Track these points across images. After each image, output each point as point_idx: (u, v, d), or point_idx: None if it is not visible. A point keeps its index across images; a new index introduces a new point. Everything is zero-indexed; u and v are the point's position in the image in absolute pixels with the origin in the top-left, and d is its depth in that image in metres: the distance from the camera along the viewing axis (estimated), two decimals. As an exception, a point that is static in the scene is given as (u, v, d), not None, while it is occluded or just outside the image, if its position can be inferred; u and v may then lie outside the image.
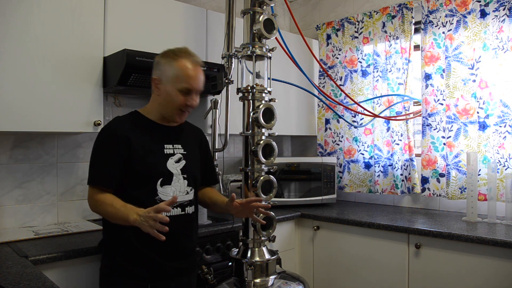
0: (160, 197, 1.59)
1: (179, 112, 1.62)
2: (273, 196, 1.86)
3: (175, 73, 1.56)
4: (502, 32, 2.37)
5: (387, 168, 2.85)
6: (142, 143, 1.59)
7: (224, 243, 2.20)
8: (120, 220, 1.50)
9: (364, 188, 2.98)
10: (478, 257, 1.97)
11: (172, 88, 1.57)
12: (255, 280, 1.78)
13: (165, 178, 1.61)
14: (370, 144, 2.96)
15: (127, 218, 1.46)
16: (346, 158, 3.07)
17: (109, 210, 1.51)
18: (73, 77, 1.97)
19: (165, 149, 1.64)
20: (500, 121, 2.38)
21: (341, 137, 3.10)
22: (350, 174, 3.04)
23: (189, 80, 1.57)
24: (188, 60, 1.57)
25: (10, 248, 1.72)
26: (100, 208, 1.54)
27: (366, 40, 2.99)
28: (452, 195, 2.53)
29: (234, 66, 2.01)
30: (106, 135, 1.59)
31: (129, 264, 1.57)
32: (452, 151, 2.54)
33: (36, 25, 1.86)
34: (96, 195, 1.55)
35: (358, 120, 3.02)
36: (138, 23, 2.20)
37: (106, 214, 1.54)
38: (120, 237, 1.58)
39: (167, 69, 1.58)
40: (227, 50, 2.06)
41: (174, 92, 1.57)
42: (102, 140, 1.59)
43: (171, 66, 1.57)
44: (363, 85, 3.00)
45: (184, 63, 1.56)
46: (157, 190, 1.58)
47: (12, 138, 2.10)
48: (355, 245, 2.43)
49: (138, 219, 1.42)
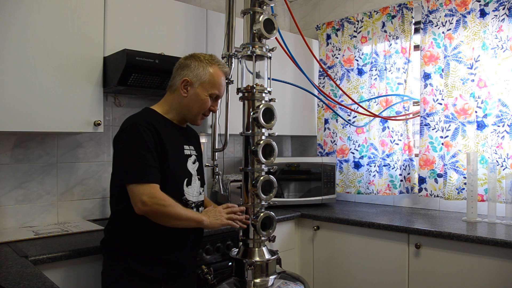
0: (186, 197, 1.62)
1: (202, 116, 1.68)
2: (273, 196, 1.86)
3: (209, 78, 1.63)
4: (501, 31, 2.37)
5: (382, 168, 2.84)
6: (170, 142, 1.59)
7: (224, 243, 2.20)
8: (191, 222, 1.54)
9: (352, 189, 2.98)
10: (478, 257, 1.98)
11: (203, 92, 1.63)
12: (255, 280, 1.77)
13: (189, 178, 1.64)
14: (362, 144, 2.95)
15: (201, 218, 1.55)
16: (338, 158, 3.06)
17: (180, 211, 1.50)
18: (73, 77, 1.97)
19: (184, 150, 1.67)
20: (499, 120, 2.38)
21: (336, 136, 3.10)
22: (342, 174, 3.04)
23: (220, 87, 1.66)
24: (220, 69, 1.67)
25: (10, 248, 1.72)
26: (167, 208, 1.47)
27: (364, 39, 2.99)
28: (448, 196, 2.52)
29: (234, 66, 2.01)
30: (143, 129, 1.51)
31: (143, 266, 1.54)
32: (449, 151, 2.53)
33: (36, 25, 1.86)
34: (159, 194, 1.47)
35: (351, 119, 3.01)
36: (138, 23, 2.20)
37: (173, 215, 1.49)
38: (134, 238, 1.55)
39: (201, 73, 1.63)
40: (227, 50, 2.05)
41: (205, 96, 1.63)
42: (140, 135, 1.50)
43: (205, 71, 1.63)
44: (358, 83, 3.00)
45: (218, 71, 1.66)
46: (183, 190, 1.61)
47: (12, 138, 2.10)
48: (355, 245, 2.43)
49: (209, 219, 1.58)
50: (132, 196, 1.47)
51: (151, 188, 1.47)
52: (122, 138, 1.54)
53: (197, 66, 1.63)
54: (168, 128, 1.63)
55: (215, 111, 1.71)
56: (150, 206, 1.45)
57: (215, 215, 1.63)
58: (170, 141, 1.58)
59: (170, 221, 1.50)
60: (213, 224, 1.60)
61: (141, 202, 1.44)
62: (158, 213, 1.47)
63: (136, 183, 1.46)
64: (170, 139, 1.59)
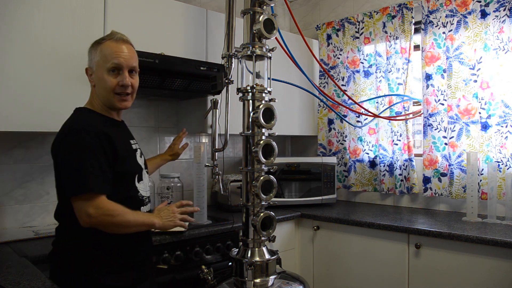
0: (141, 193, 1.56)
1: (116, 96, 1.51)
2: (273, 196, 1.86)
3: (100, 55, 1.50)
4: (502, 32, 2.37)
5: (392, 167, 2.85)
6: (118, 140, 1.50)
7: (224, 243, 2.20)
8: (142, 227, 1.47)
9: (369, 187, 3.00)
10: (478, 257, 1.97)
11: (101, 71, 1.50)
12: (255, 280, 1.77)
13: (139, 174, 1.58)
14: (375, 144, 2.97)
15: (152, 222, 1.48)
16: (352, 158, 3.07)
17: (129, 219, 1.42)
18: (74, 77, 1.97)
19: (132, 145, 1.61)
20: (502, 121, 2.38)
21: (345, 137, 3.10)
22: (356, 173, 3.05)
23: (114, 56, 1.49)
24: (111, 40, 1.52)
25: (10, 248, 1.72)
26: (115, 218, 1.39)
27: (367, 40, 2.99)
28: (456, 194, 2.54)
29: (234, 66, 2.01)
30: (90, 135, 1.41)
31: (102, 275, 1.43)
32: (455, 151, 2.54)
33: (36, 25, 1.86)
34: (105, 204, 1.38)
35: (362, 120, 3.02)
36: (138, 23, 2.20)
37: (123, 223, 1.41)
38: (88, 248, 1.43)
39: (94, 55, 1.52)
40: (227, 50, 2.05)
41: (104, 74, 1.49)
42: (85, 140, 1.40)
43: (96, 51, 1.51)
44: (365, 85, 3.01)
45: (108, 43, 1.51)
46: (136, 186, 1.55)
47: (12, 138, 2.10)
48: (355, 245, 2.43)
49: (161, 221, 1.50)
50: (76, 210, 1.37)
51: (96, 199, 1.37)
52: (62, 146, 1.43)
53: (90, 51, 1.54)
54: (110, 125, 1.53)
55: (125, 84, 1.50)
56: (96, 217, 1.36)
57: (168, 215, 1.55)
58: (118, 139, 1.50)
59: (121, 229, 1.43)
60: (165, 225, 1.54)
61: (87, 215, 1.35)
62: (107, 224, 1.39)
63: (79, 196, 1.37)
64: (117, 136, 1.51)
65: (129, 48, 1.54)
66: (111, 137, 1.45)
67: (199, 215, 2.26)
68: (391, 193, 2.89)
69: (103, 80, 1.50)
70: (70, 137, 1.42)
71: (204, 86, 2.29)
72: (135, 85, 1.56)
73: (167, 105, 2.75)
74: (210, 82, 2.10)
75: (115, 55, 1.49)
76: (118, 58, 1.49)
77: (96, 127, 1.44)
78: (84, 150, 1.39)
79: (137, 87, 1.58)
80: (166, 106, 2.75)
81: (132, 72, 1.55)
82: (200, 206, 2.25)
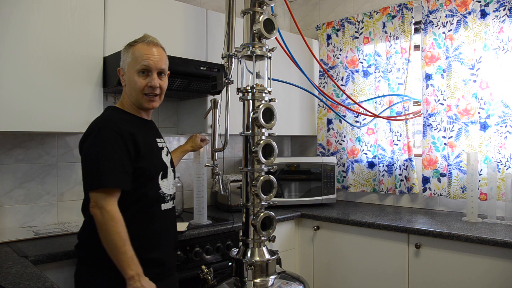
0: (162, 190, 1.61)
1: (144, 97, 1.59)
2: (273, 196, 1.86)
3: (131, 57, 1.58)
4: (502, 32, 2.37)
5: (391, 167, 2.85)
6: (143, 137, 1.57)
7: (224, 243, 2.20)
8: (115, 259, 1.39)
9: (368, 188, 3.00)
10: (478, 257, 1.98)
11: (132, 72, 1.58)
12: (255, 280, 1.77)
13: (164, 171, 1.63)
14: (373, 144, 2.97)
15: (126, 267, 1.38)
16: (349, 158, 3.07)
17: (116, 239, 1.38)
18: (73, 77, 1.97)
19: (158, 143, 1.66)
20: (501, 121, 2.38)
21: (344, 137, 3.10)
22: (354, 174, 3.05)
23: (144, 58, 1.56)
24: (142, 42, 1.60)
25: (10, 248, 1.72)
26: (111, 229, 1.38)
27: (366, 40, 2.99)
28: (454, 195, 2.53)
29: (234, 66, 2.01)
30: (112, 132, 1.48)
31: None
32: (453, 151, 2.54)
33: (36, 25, 1.86)
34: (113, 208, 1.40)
35: (361, 120, 3.02)
36: (138, 23, 2.20)
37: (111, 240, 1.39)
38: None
39: (125, 57, 1.61)
40: (227, 50, 2.05)
41: (134, 76, 1.57)
42: (109, 137, 1.46)
43: (128, 53, 1.59)
44: (364, 85, 3.01)
45: (139, 46, 1.59)
46: (159, 184, 1.59)
47: (12, 138, 2.10)
48: (355, 245, 2.43)
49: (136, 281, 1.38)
50: (91, 202, 1.42)
51: (103, 197, 1.41)
52: (86, 142, 1.50)
53: (123, 53, 1.62)
54: (137, 124, 1.61)
55: (154, 85, 1.58)
56: (101, 218, 1.39)
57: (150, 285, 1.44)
58: (143, 137, 1.56)
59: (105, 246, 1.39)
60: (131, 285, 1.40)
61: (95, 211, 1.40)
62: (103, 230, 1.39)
63: (96, 189, 1.41)
64: (142, 134, 1.57)
65: (159, 51, 1.61)
66: (135, 135, 1.51)
67: (199, 215, 2.26)
68: (390, 193, 2.89)
69: (133, 81, 1.58)
70: (93, 134, 1.49)
71: (204, 86, 2.29)
72: (164, 87, 1.64)
73: (167, 105, 2.75)
74: (210, 82, 2.10)
75: (145, 57, 1.57)
76: (148, 61, 1.57)
77: (119, 124, 1.51)
78: (105, 146, 1.45)
79: (166, 89, 1.65)
80: (166, 106, 2.75)
81: (161, 74, 1.62)
82: (200, 206, 2.25)
